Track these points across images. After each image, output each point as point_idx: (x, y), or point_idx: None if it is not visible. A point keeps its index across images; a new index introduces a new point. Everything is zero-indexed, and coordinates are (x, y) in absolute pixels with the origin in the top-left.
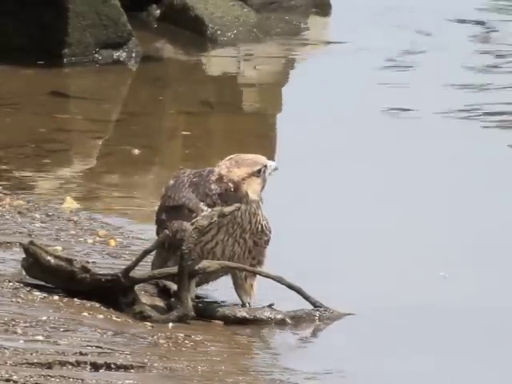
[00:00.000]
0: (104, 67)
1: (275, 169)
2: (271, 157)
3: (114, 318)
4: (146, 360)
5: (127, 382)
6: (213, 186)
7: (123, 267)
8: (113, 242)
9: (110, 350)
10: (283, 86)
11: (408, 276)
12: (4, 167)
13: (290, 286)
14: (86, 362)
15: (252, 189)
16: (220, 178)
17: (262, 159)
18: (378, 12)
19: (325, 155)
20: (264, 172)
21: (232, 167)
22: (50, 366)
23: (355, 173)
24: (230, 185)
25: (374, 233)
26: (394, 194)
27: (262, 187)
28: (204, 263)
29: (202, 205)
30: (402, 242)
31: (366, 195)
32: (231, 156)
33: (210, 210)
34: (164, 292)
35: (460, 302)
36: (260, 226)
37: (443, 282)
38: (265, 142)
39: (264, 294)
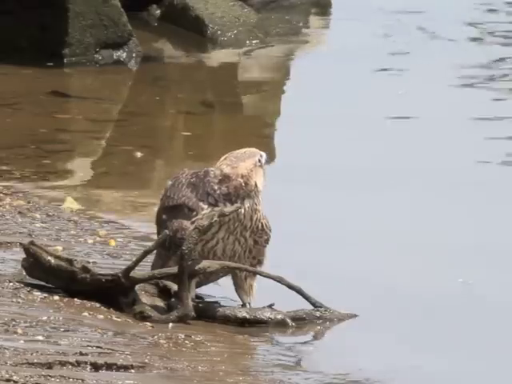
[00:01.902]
0: (104, 67)
1: (265, 158)
2: (270, 156)
3: (115, 318)
4: (146, 360)
5: (127, 382)
6: (216, 187)
7: (123, 267)
8: (113, 242)
9: (110, 350)
10: (283, 85)
11: (408, 276)
12: (4, 167)
13: (290, 286)
14: (86, 362)
15: (259, 180)
16: (226, 178)
17: (256, 150)
18: (378, 12)
19: (324, 155)
20: (261, 161)
21: (235, 163)
22: (50, 366)
23: (356, 172)
24: (240, 180)
25: (373, 232)
26: (394, 193)
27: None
28: (204, 263)
29: (202, 203)
30: (403, 241)
31: (368, 193)
32: (225, 155)
33: (210, 209)
34: (164, 292)
35: (463, 301)
36: (260, 224)
37: (445, 282)
38: (265, 142)
39: (264, 294)
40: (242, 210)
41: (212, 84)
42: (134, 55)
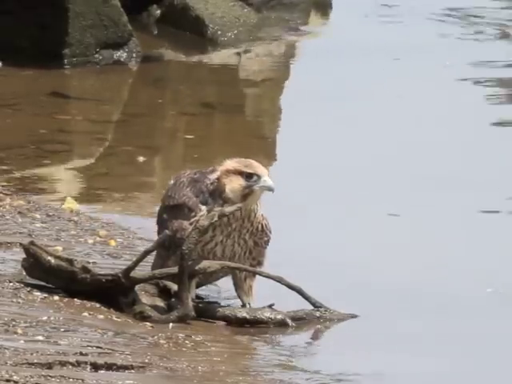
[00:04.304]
0: (104, 68)
1: (270, 189)
2: (271, 157)
3: (115, 319)
4: (146, 360)
5: (127, 382)
6: (209, 182)
7: (124, 267)
8: (113, 243)
9: (110, 351)
10: (284, 86)
11: (407, 276)
12: (5, 168)
13: (290, 286)
14: (86, 362)
15: (231, 186)
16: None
17: (261, 170)
18: (378, 10)
19: (325, 155)
20: (255, 181)
21: (228, 161)
22: (50, 366)
23: (358, 172)
24: (218, 173)
25: (372, 231)
26: (392, 193)
27: (248, 195)
28: (204, 263)
29: (200, 203)
30: (402, 240)
31: (368, 194)
32: (242, 159)
33: (206, 208)
34: (164, 292)
35: (461, 302)
36: (260, 226)
37: (444, 282)
38: (265, 143)
39: (264, 294)
40: (230, 216)
41: (212, 84)
42: (134, 55)
